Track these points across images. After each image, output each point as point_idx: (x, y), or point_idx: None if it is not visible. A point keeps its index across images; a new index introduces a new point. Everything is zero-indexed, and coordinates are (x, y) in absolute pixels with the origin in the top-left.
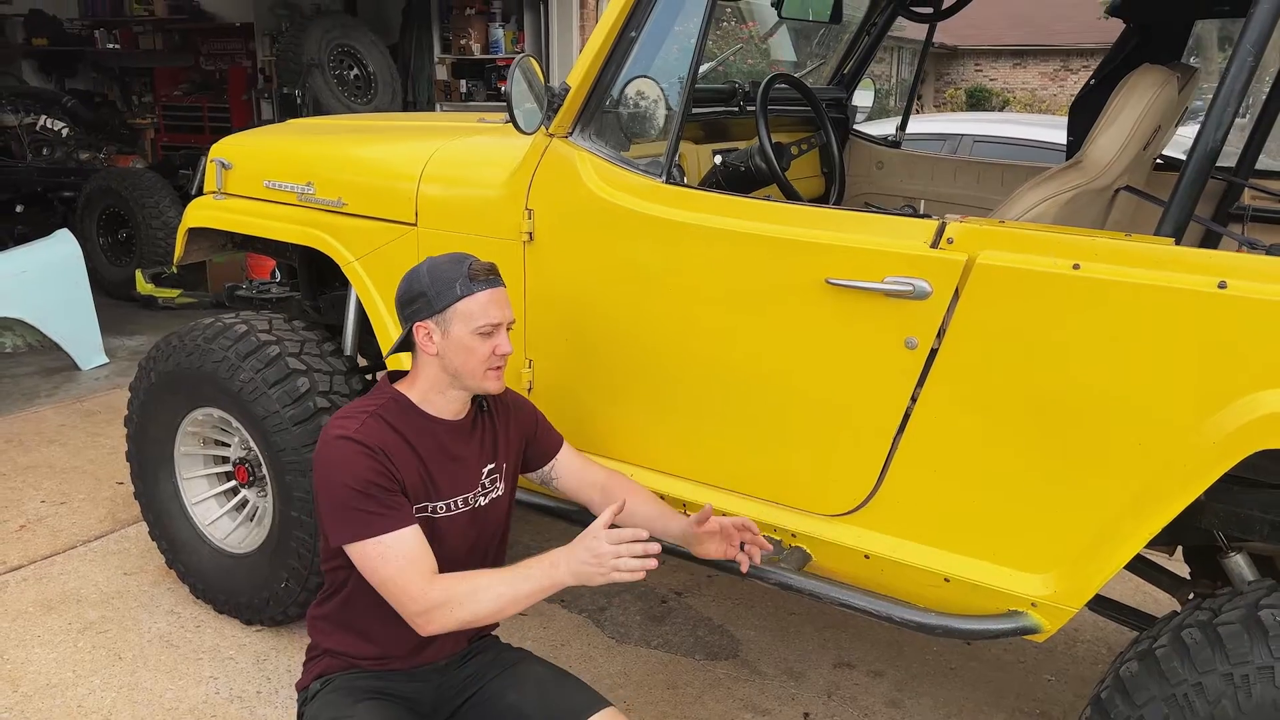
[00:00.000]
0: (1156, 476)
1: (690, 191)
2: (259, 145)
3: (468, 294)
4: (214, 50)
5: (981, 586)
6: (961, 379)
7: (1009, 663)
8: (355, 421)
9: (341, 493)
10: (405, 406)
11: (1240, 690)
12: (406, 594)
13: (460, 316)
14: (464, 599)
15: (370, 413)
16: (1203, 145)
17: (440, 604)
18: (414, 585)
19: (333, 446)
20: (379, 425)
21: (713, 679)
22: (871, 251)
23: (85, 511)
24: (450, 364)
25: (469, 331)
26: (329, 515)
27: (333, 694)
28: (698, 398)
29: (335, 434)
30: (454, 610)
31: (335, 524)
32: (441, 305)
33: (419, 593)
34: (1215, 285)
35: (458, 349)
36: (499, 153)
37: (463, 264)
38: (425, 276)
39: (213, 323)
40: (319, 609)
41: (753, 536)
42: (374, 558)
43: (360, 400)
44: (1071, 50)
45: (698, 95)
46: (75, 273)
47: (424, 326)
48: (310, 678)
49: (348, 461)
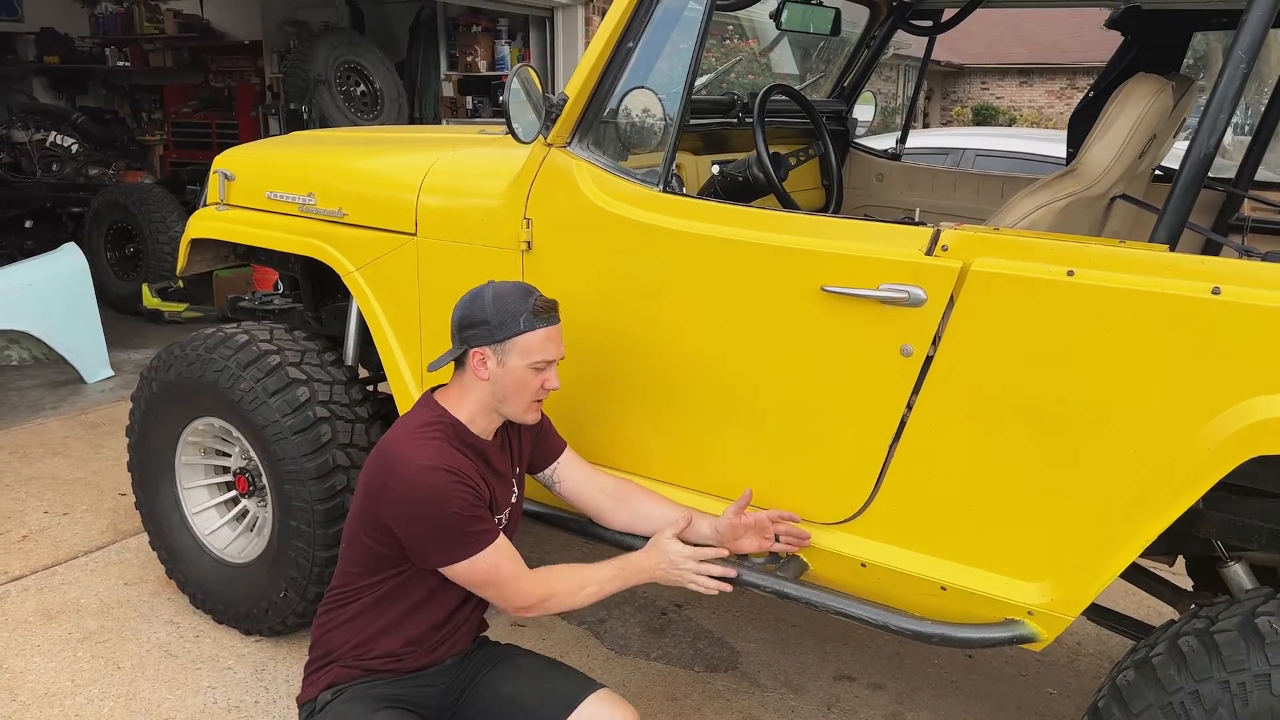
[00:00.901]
0: (1152, 483)
1: (688, 200)
2: (261, 157)
3: (531, 329)
4: (223, 68)
5: (978, 595)
6: (957, 386)
7: (1010, 676)
8: (433, 447)
9: (451, 521)
10: (460, 430)
11: (1237, 698)
12: (519, 592)
13: (520, 349)
14: (568, 592)
15: (439, 439)
16: (1196, 151)
17: (550, 595)
18: (523, 582)
19: (426, 477)
20: (453, 451)
21: (712, 691)
22: (866, 259)
23: (87, 522)
24: (499, 391)
25: (525, 365)
26: (437, 543)
27: (345, 704)
28: (693, 405)
29: (423, 464)
30: (560, 600)
31: (443, 550)
32: (503, 336)
33: (528, 588)
34: (1209, 291)
35: (511, 379)
36: (498, 163)
37: (529, 298)
38: (490, 305)
39: (214, 332)
40: (333, 613)
41: (790, 525)
42: (487, 569)
43: (419, 424)
44: (1078, 68)
45: (696, 106)
46: (82, 286)
47: (481, 353)
48: (318, 689)
49: (451, 492)
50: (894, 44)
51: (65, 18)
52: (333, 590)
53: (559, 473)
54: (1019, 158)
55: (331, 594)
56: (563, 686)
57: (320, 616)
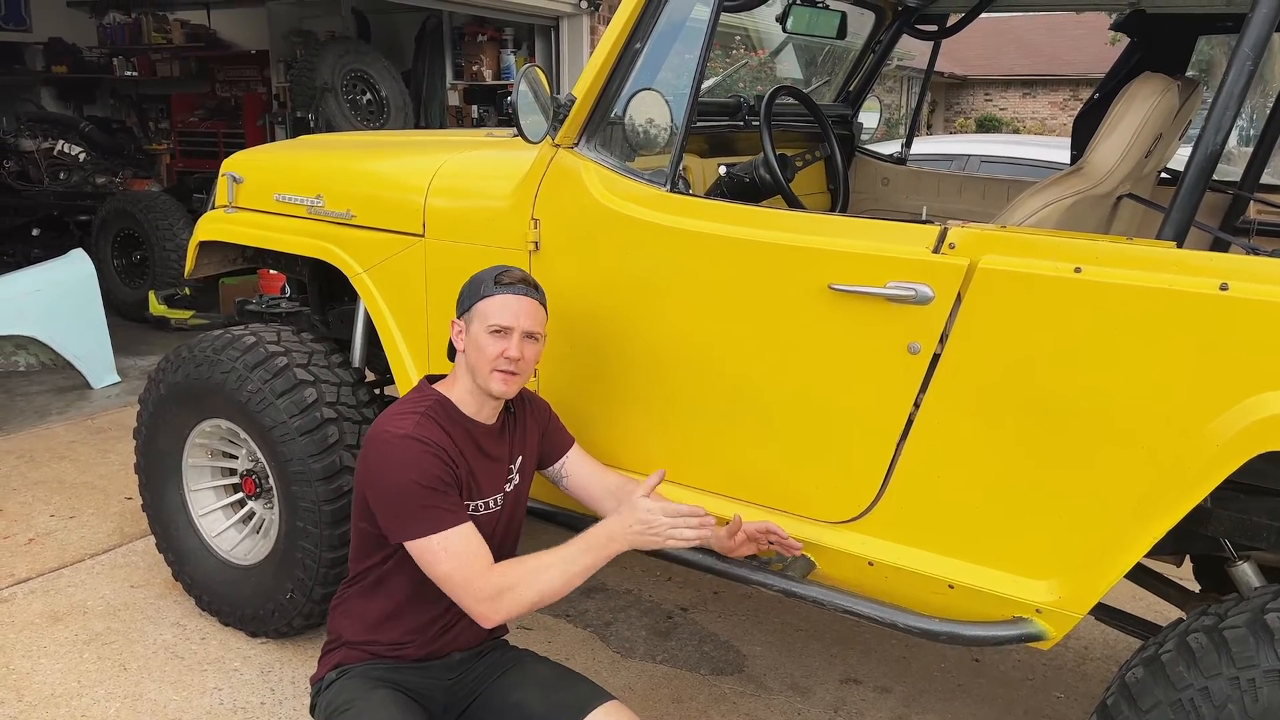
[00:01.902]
0: (1160, 480)
1: (695, 200)
2: (270, 159)
3: (489, 295)
4: (230, 77)
5: (986, 593)
6: (964, 384)
7: (1017, 679)
8: (410, 420)
9: (409, 489)
10: (448, 408)
11: (1246, 694)
12: (473, 583)
13: (479, 314)
14: (529, 579)
15: (422, 413)
16: (1204, 148)
17: (508, 588)
18: (478, 575)
19: (395, 445)
20: (432, 425)
21: (718, 694)
22: (874, 257)
23: (94, 526)
24: (470, 360)
25: (483, 329)
26: (392, 512)
27: (349, 680)
28: (701, 404)
29: (396, 433)
30: (522, 592)
31: (400, 521)
32: (469, 304)
33: (483, 582)
34: (1217, 287)
35: (473, 346)
36: (505, 165)
37: (499, 270)
38: (469, 280)
39: (221, 334)
40: (344, 593)
41: (780, 539)
42: (439, 552)
43: (405, 402)
44: (1081, 80)
45: (703, 108)
46: (89, 292)
47: (457, 324)
48: (326, 668)
49: (415, 460)
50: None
51: (73, 28)
52: (345, 578)
53: (566, 467)
54: (1023, 164)
55: (343, 581)
56: (571, 696)
57: (334, 600)
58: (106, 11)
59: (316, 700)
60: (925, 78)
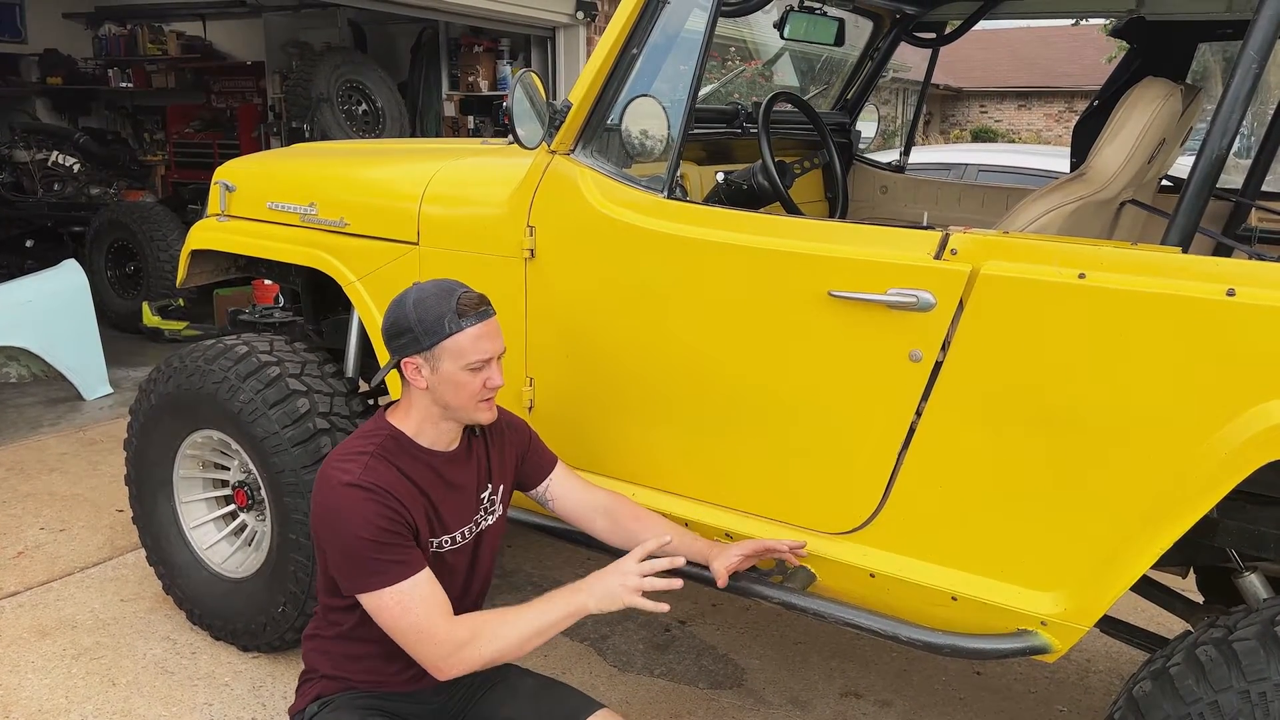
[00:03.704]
0: (1167, 490)
1: (692, 206)
2: (263, 167)
3: (457, 330)
4: (225, 88)
5: (990, 605)
6: (966, 392)
7: (1020, 693)
8: (357, 465)
9: (355, 544)
10: (402, 442)
11: (1257, 708)
12: (432, 639)
13: (450, 353)
14: (490, 635)
15: (370, 453)
16: (1209, 151)
17: (466, 642)
18: (439, 629)
19: (340, 494)
20: (382, 466)
21: (717, 708)
22: (874, 263)
23: (84, 539)
24: (441, 398)
25: (459, 368)
26: (343, 566)
27: (332, 713)
28: (699, 413)
29: (341, 480)
30: (480, 648)
31: (350, 575)
32: (430, 343)
33: (444, 635)
34: (1224, 293)
35: (448, 384)
36: (500, 171)
37: (451, 297)
38: (412, 311)
39: (214, 344)
40: (316, 633)
41: (779, 551)
42: (393, 607)
43: (357, 438)
44: (1076, 91)
45: (700, 115)
46: (81, 303)
47: (412, 362)
48: (306, 700)
49: (357, 510)
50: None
51: (69, 39)
52: (316, 614)
53: (552, 489)
54: (1021, 173)
55: (314, 619)
56: (561, 709)
57: (308, 631)
58: (102, 23)
59: None
60: (924, 85)
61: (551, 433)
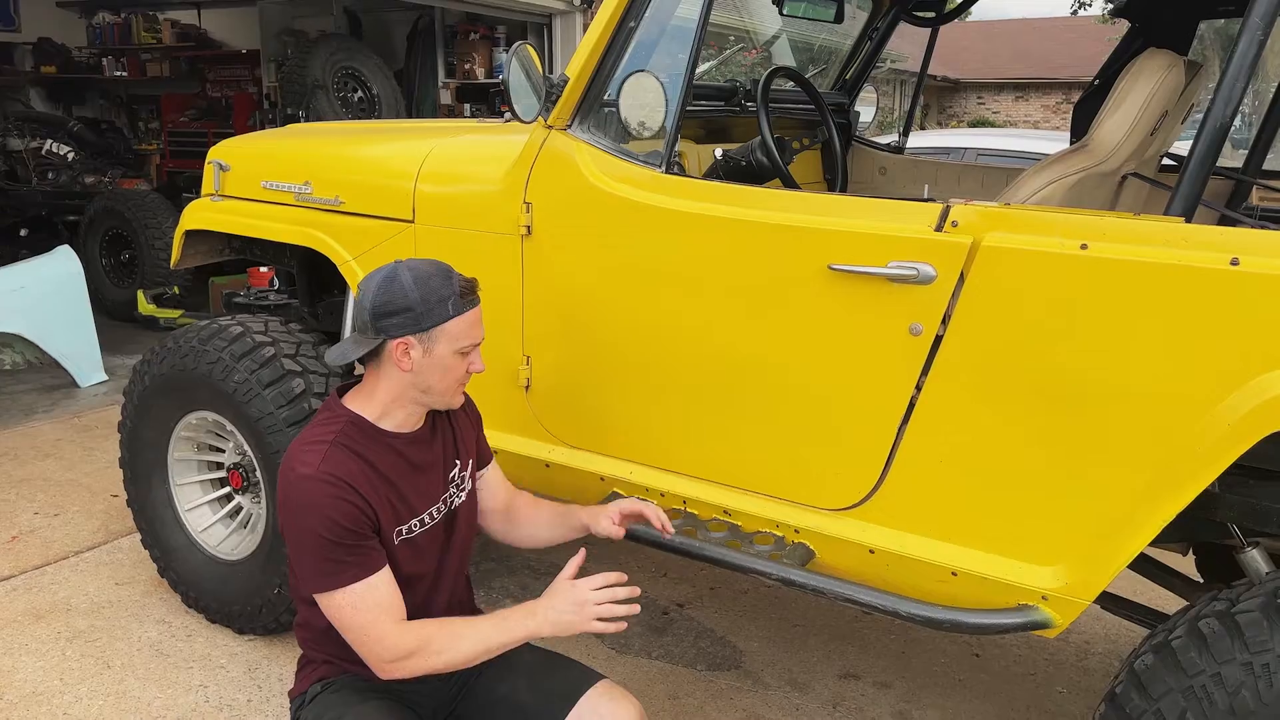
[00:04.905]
0: (1169, 463)
1: (690, 181)
2: (257, 147)
3: (459, 314)
4: (220, 77)
5: (990, 580)
6: (967, 365)
7: (1019, 675)
8: (316, 454)
9: (311, 540)
10: (364, 428)
11: (1260, 679)
12: (380, 643)
13: (448, 336)
14: (437, 647)
15: (330, 442)
16: (1213, 120)
17: (413, 652)
18: (388, 634)
19: (298, 487)
20: (342, 455)
21: (715, 690)
22: (875, 236)
23: (78, 523)
24: (423, 380)
25: (452, 351)
26: (298, 561)
27: (334, 694)
28: (697, 389)
29: (300, 472)
30: (426, 658)
31: (304, 571)
32: (430, 324)
33: (393, 641)
34: (1227, 262)
35: (436, 367)
36: (497, 148)
37: (451, 280)
38: (413, 290)
39: (207, 324)
40: (306, 622)
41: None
42: (344, 607)
43: (316, 425)
44: (1073, 83)
45: (698, 92)
46: (75, 289)
47: (405, 343)
48: (308, 682)
49: (316, 505)
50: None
51: (63, 28)
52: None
53: (487, 477)
54: (1021, 157)
55: (301, 615)
56: (560, 681)
57: (299, 620)
58: (96, 11)
59: (298, 715)
60: (923, 63)
61: (549, 411)
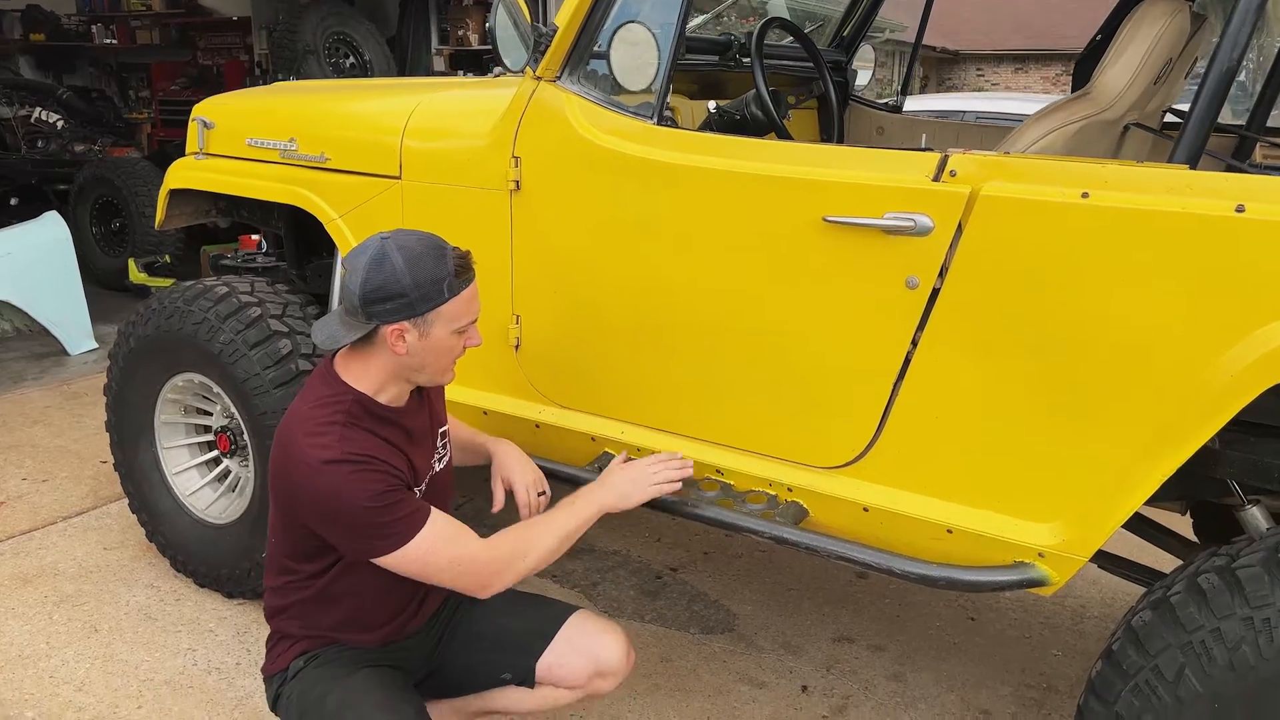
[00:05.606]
0: (1169, 416)
1: (683, 133)
2: (242, 104)
3: (455, 295)
4: (211, 44)
5: (986, 537)
6: (965, 319)
7: (1014, 638)
8: (332, 436)
9: (358, 516)
10: (368, 406)
11: (1261, 635)
12: (475, 564)
13: (444, 319)
14: (525, 548)
15: (340, 422)
16: (1219, 64)
17: (508, 560)
18: (479, 555)
19: (327, 474)
20: (356, 434)
21: (708, 653)
22: (870, 186)
23: (67, 489)
24: (418, 362)
25: (448, 331)
26: (355, 540)
27: (319, 668)
28: (689, 346)
29: (321, 459)
30: (521, 561)
31: (367, 544)
32: (426, 308)
33: (486, 558)
34: (1232, 209)
35: (433, 349)
36: (484, 102)
37: (445, 257)
38: (405, 274)
39: (193, 285)
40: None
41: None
42: (423, 555)
43: (318, 406)
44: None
45: (691, 45)
46: (64, 255)
47: (400, 329)
48: (288, 658)
49: (351, 485)
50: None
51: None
52: (274, 580)
53: None
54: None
55: (274, 586)
56: (543, 612)
57: (269, 602)
58: None
59: (280, 692)
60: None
61: (539, 371)
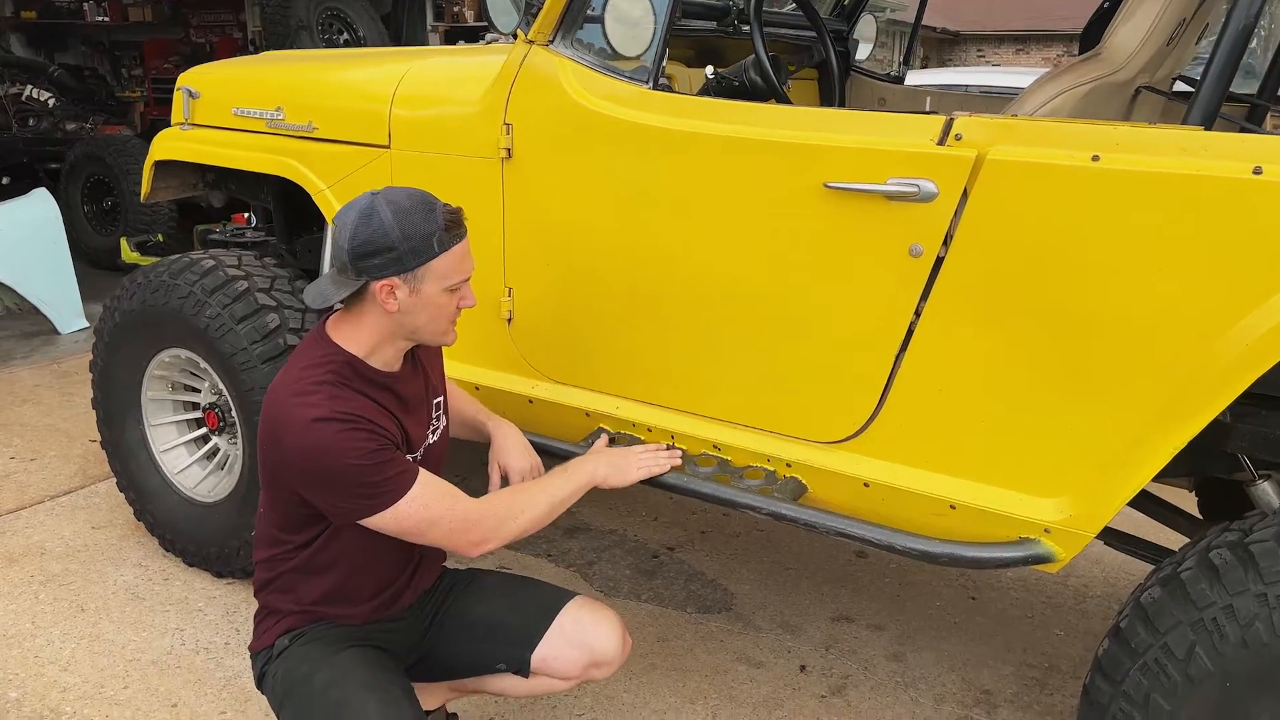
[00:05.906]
0: (1180, 388)
1: (678, 97)
2: (228, 73)
3: (445, 249)
4: (204, 22)
5: (990, 512)
6: (969, 288)
7: (1015, 617)
8: (322, 395)
9: (348, 475)
10: (358, 368)
11: (1275, 611)
12: (466, 521)
13: (435, 274)
14: (518, 509)
15: (330, 382)
16: (1235, 23)
17: (502, 518)
18: (471, 511)
19: (315, 432)
20: (346, 394)
21: (705, 632)
22: (873, 151)
23: (55, 468)
24: (411, 320)
25: (440, 289)
26: (346, 500)
27: (304, 646)
28: (685, 318)
29: (309, 416)
30: (513, 521)
31: (357, 505)
32: (416, 263)
33: (478, 515)
34: (1250, 171)
35: (426, 306)
36: (474, 69)
37: (434, 213)
38: (394, 228)
39: (178, 258)
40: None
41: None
42: (414, 512)
43: (308, 366)
44: (1075, 35)
45: (688, 9)
46: (53, 233)
47: (389, 284)
48: (274, 635)
49: (339, 444)
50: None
51: None
52: (263, 553)
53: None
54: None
55: (263, 559)
56: (537, 599)
57: (257, 576)
58: None
59: (266, 670)
60: None
61: (532, 345)
